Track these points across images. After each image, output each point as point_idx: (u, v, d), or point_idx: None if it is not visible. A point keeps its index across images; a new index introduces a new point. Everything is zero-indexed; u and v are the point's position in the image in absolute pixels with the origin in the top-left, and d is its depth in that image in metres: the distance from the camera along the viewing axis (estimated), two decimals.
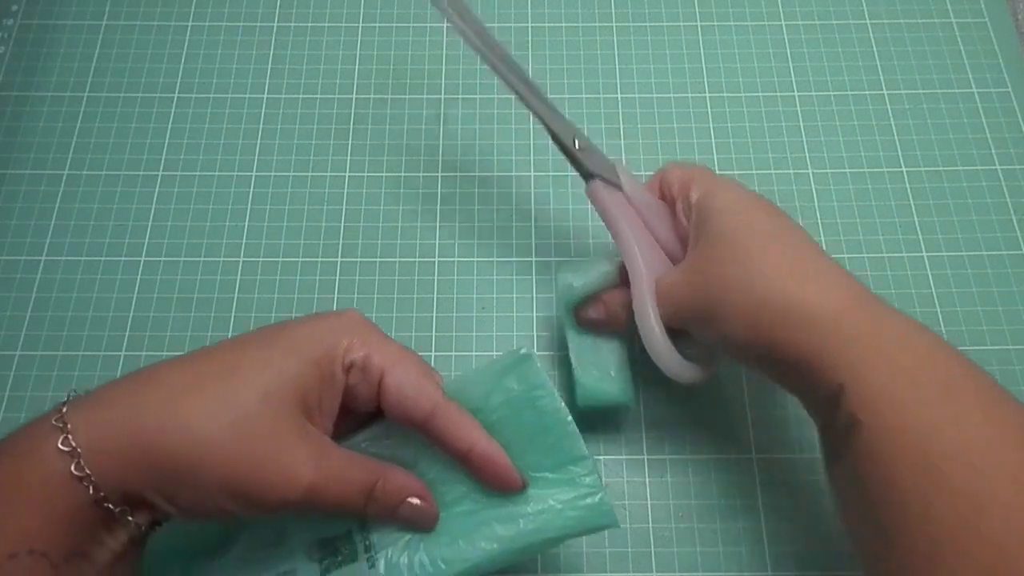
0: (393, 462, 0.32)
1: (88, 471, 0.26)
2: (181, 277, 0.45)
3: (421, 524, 0.31)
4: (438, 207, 0.47)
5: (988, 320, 0.43)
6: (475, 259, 0.45)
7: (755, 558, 0.38)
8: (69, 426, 0.26)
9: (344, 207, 0.47)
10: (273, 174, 0.48)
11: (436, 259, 0.45)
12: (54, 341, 0.43)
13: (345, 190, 0.47)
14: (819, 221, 0.46)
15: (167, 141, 0.48)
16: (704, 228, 0.33)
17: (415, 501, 0.31)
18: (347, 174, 0.48)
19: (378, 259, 0.45)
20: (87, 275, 0.45)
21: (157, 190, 0.47)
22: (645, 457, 0.40)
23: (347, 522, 0.32)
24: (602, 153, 0.37)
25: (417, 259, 0.45)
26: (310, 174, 0.48)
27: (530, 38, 0.52)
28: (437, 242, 0.46)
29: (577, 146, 0.36)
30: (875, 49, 0.51)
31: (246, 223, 0.46)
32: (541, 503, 0.32)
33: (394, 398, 0.30)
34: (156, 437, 0.27)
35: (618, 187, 0.37)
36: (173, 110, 0.49)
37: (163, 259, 0.45)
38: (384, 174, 0.48)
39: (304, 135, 0.49)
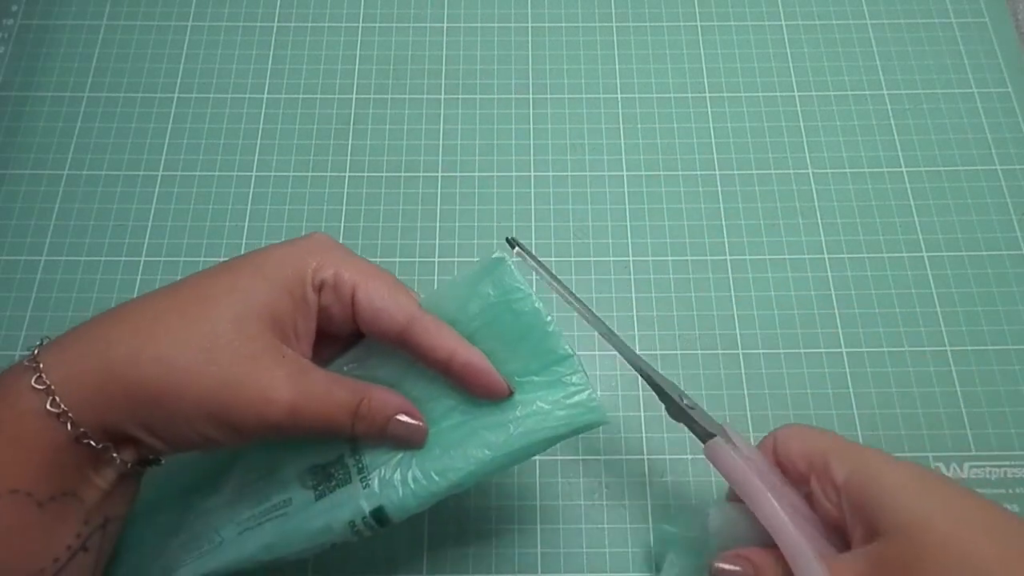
0: (377, 382, 0.31)
1: (64, 407, 0.26)
2: (181, 277, 0.44)
3: (411, 440, 0.31)
4: (438, 207, 0.47)
5: (988, 320, 0.43)
6: (475, 259, 0.45)
7: None
8: (42, 365, 0.26)
9: (344, 207, 0.47)
10: (273, 174, 0.48)
11: (436, 259, 0.45)
12: None
13: (345, 190, 0.47)
14: (819, 221, 0.46)
15: (167, 141, 0.48)
16: (875, 523, 0.28)
17: (403, 418, 0.30)
18: (347, 174, 0.48)
19: (378, 259, 0.45)
20: (87, 275, 0.45)
21: (157, 190, 0.47)
22: (645, 457, 0.40)
23: (338, 447, 0.32)
24: (708, 416, 0.33)
25: (417, 259, 0.45)
26: (310, 174, 0.48)
27: (530, 38, 0.52)
28: (437, 242, 0.46)
29: (685, 403, 0.33)
30: (875, 49, 0.51)
31: (246, 223, 0.46)
32: (529, 406, 0.31)
33: (367, 312, 0.30)
34: (129, 368, 0.26)
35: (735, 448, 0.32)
36: (173, 110, 0.49)
37: (163, 259, 0.45)
38: (384, 174, 0.48)
39: (304, 135, 0.49)
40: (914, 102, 0.50)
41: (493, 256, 0.32)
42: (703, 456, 0.32)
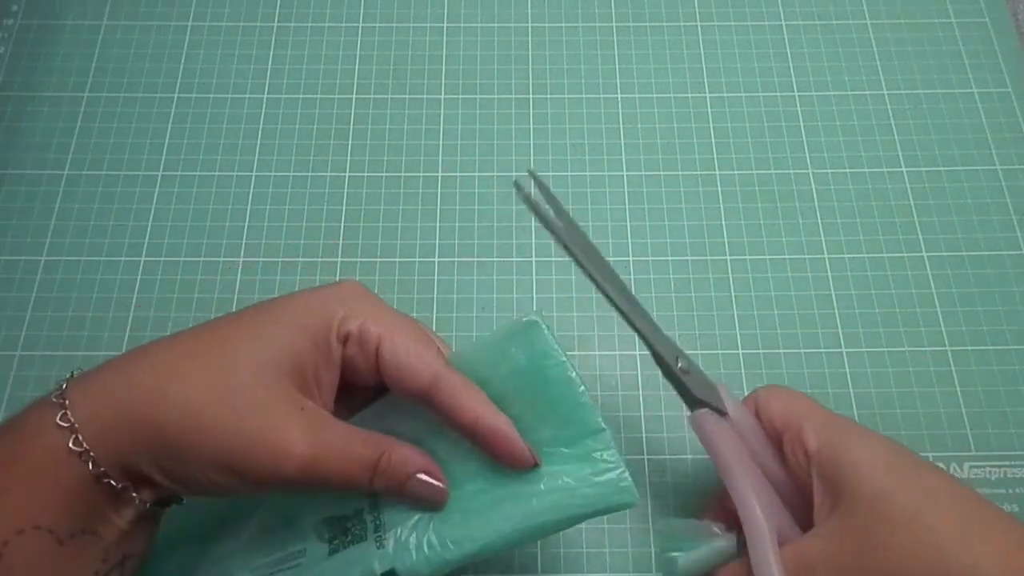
0: (400, 439, 0.30)
1: (86, 445, 0.26)
2: (181, 277, 0.45)
3: (431, 501, 0.30)
4: (438, 207, 0.47)
5: (988, 320, 0.43)
6: (475, 259, 0.45)
7: None
8: (67, 402, 0.26)
9: (344, 207, 0.47)
10: (273, 174, 0.48)
11: (436, 259, 0.45)
12: (54, 341, 0.43)
13: (345, 190, 0.47)
14: (819, 221, 0.46)
15: (167, 141, 0.48)
16: (842, 494, 0.29)
17: (423, 477, 0.29)
18: (347, 174, 0.48)
19: (378, 259, 0.45)
20: (87, 275, 0.45)
21: (157, 190, 0.47)
22: (645, 457, 0.40)
23: (358, 501, 0.31)
24: (704, 374, 0.33)
25: (417, 259, 0.45)
26: (310, 174, 0.48)
27: (530, 38, 0.52)
28: (437, 242, 0.46)
29: (679, 367, 0.32)
30: (875, 49, 0.51)
31: (246, 223, 0.46)
32: (555, 480, 0.30)
33: (391, 367, 0.29)
34: (148, 409, 0.26)
35: (723, 413, 0.32)
36: (173, 110, 0.49)
37: (163, 259, 0.45)
38: (384, 174, 0.48)
39: (304, 135, 0.49)
40: (914, 102, 0.50)
41: (526, 318, 0.30)
42: (703, 456, 0.32)
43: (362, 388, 0.31)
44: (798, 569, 0.28)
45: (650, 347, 0.32)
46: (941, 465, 0.40)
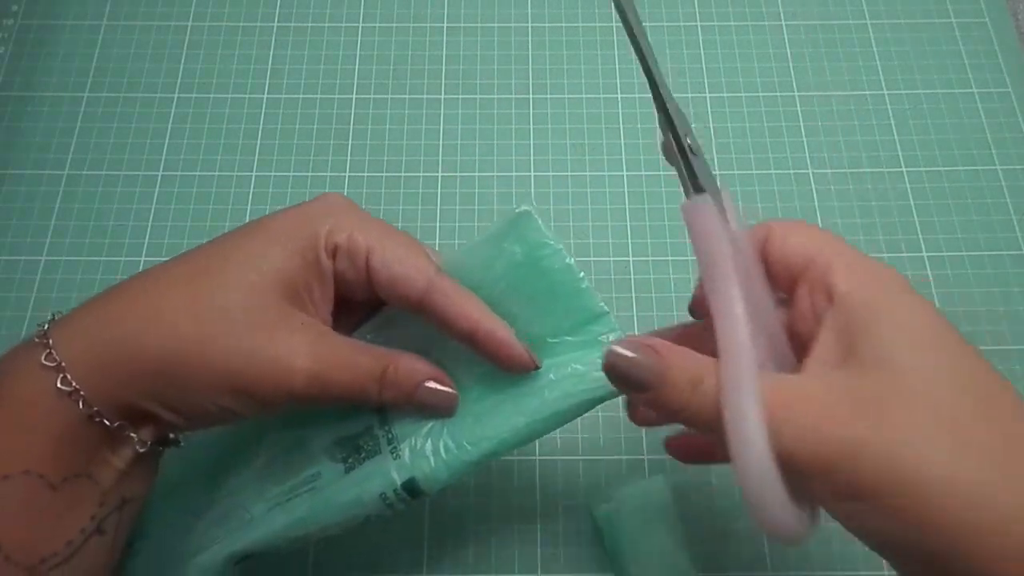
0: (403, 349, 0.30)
1: (76, 385, 0.25)
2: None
3: (441, 408, 0.30)
4: (438, 207, 0.47)
5: (988, 320, 0.43)
6: None
7: (755, 558, 0.38)
8: (51, 342, 0.25)
9: None
10: (273, 174, 0.48)
11: None
12: None
13: (345, 190, 0.47)
14: (819, 221, 0.46)
15: (167, 141, 0.48)
16: (859, 352, 0.23)
17: (432, 384, 0.29)
18: (347, 174, 0.48)
19: None
20: (87, 275, 0.45)
21: (157, 190, 0.47)
22: (645, 457, 0.40)
23: (366, 418, 0.30)
24: (709, 168, 0.27)
25: None
26: (310, 174, 0.48)
27: (530, 38, 0.52)
28: (437, 242, 0.46)
29: (688, 143, 0.27)
30: (875, 49, 0.51)
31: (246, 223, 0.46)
32: (563, 369, 0.29)
33: (383, 279, 0.28)
34: (142, 340, 0.26)
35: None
36: (173, 110, 0.49)
37: (163, 259, 0.45)
38: (384, 174, 0.48)
39: (304, 135, 0.49)
40: (914, 102, 0.50)
41: (518, 210, 0.29)
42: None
43: (358, 304, 0.31)
44: (777, 406, 0.22)
45: (665, 111, 0.27)
46: None
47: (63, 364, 0.25)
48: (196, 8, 0.53)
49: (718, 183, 0.27)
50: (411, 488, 0.29)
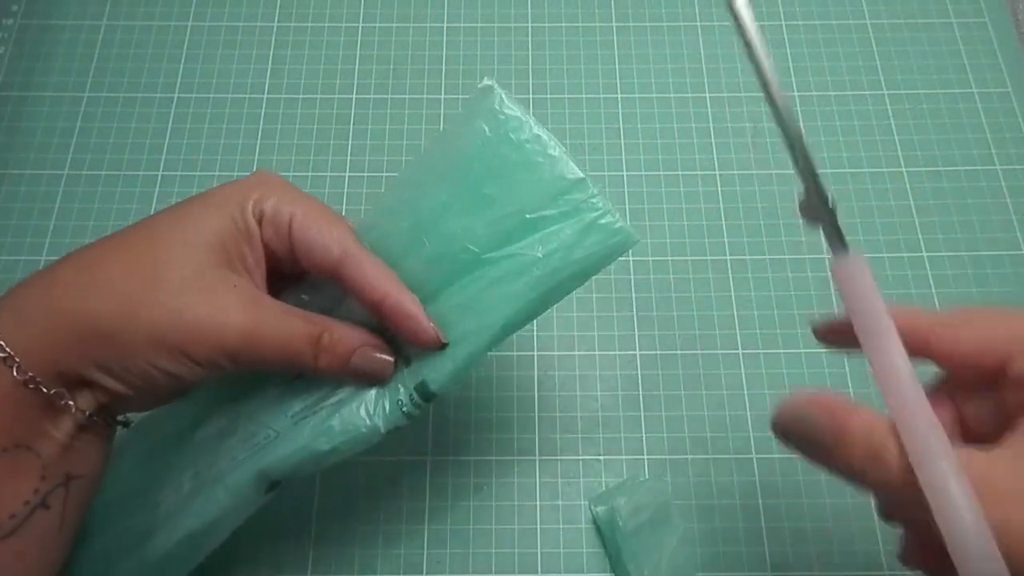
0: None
1: (9, 351, 0.25)
2: None
3: (377, 375, 0.30)
4: None
5: None
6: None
7: (755, 558, 0.38)
8: None
9: (344, 207, 0.47)
10: None
11: None
12: None
13: (345, 190, 0.47)
14: None
15: (167, 141, 0.48)
16: None
17: (368, 350, 0.29)
18: (347, 174, 0.48)
19: None
20: None
21: (157, 190, 0.47)
22: (645, 457, 0.40)
23: (308, 392, 0.30)
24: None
25: None
26: (310, 174, 0.48)
27: (530, 38, 0.52)
28: None
29: (832, 199, 0.26)
30: (875, 49, 0.51)
31: None
32: (548, 244, 0.29)
33: (302, 245, 0.29)
34: (77, 305, 0.26)
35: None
36: (173, 110, 0.49)
37: None
38: (384, 174, 0.48)
39: (304, 135, 0.49)
40: (914, 102, 0.50)
41: (480, 85, 0.29)
42: (703, 456, 0.32)
43: (287, 279, 0.31)
44: (977, 482, 0.21)
45: (810, 169, 0.26)
46: None
47: None
48: (196, 8, 0.53)
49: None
50: (424, 391, 0.29)
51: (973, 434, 0.25)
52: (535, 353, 0.43)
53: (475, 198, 0.30)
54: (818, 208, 0.26)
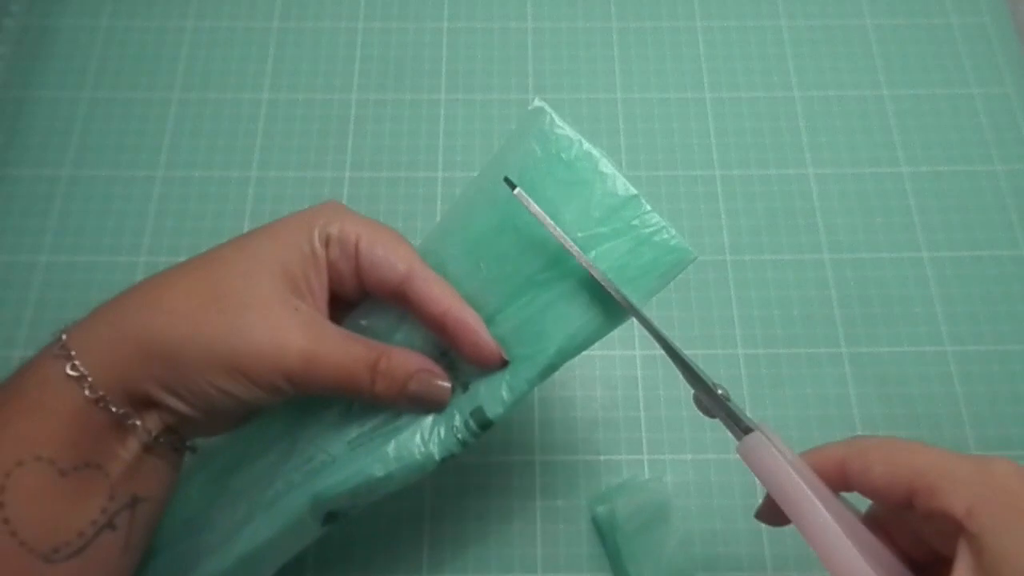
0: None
1: (83, 370, 0.26)
2: None
3: (434, 401, 0.30)
4: (438, 207, 0.47)
5: (988, 320, 0.43)
6: None
7: (755, 558, 0.38)
8: (64, 336, 0.27)
9: None
10: (273, 174, 0.48)
11: None
12: None
13: (345, 190, 0.47)
14: (819, 221, 0.46)
15: (167, 141, 0.48)
16: (1003, 567, 0.22)
17: (425, 376, 0.29)
18: (347, 174, 0.48)
19: None
20: (87, 275, 0.45)
21: (157, 190, 0.47)
22: (645, 457, 0.40)
23: (362, 419, 0.30)
24: (739, 407, 0.28)
25: None
26: (310, 174, 0.48)
27: (530, 38, 0.52)
28: None
29: (721, 393, 0.28)
30: (875, 49, 0.51)
31: (245, 223, 0.46)
32: (602, 262, 0.28)
33: (368, 262, 0.29)
34: (144, 326, 0.27)
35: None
36: (173, 110, 0.49)
37: (163, 259, 0.45)
38: (384, 174, 0.48)
39: (304, 135, 0.49)
40: (914, 102, 0.50)
41: (531, 108, 0.29)
42: (703, 456, 0.32)
43: (347, 302, 0.32)
44: None
45: (692, 370, 0.28)
46: None
47: (73, 353, 0.26)
48: (196, 8, 0.53)
49: (753, 420, 0.27)
50: (479, 417, 0.29)
51: (909, 558, 0.26)
52: None
53: (529, 219, 0.29)
54: (711, 405, 0.28)
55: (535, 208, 0.29)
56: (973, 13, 0.52)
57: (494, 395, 0.29)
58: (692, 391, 0.29)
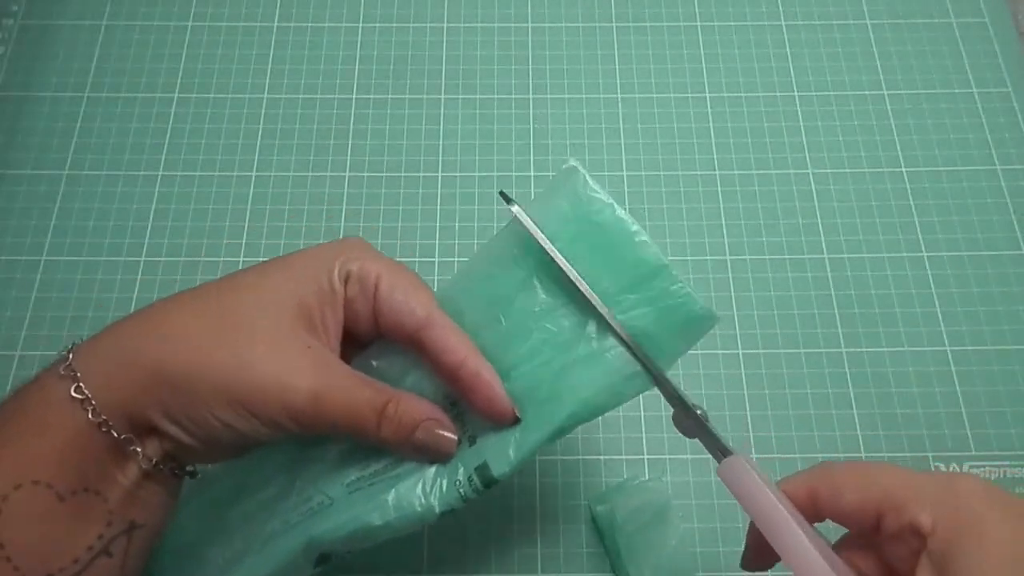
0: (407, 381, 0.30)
1: (87, 392, 0.25)
2: (181, 277, 0.45)
3: (440, 452, 0.29)
4: (438, 207, 0.47)
5: (988, 320, 0.43)
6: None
7: None
8: (71, 356, 0.26)
9: (344, 207, 0.47)
10: (273, 174, 0.48)
11: (436, 260, 0.45)
12: (54, 341, 0.43)
13: (345, 190, 0.47)
14: (819, 221, 0.46)
15: (167, 141, 0.48)
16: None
17: (431, 426, 0.29)
18: (347, 174, 0.48)
19: None
20: (87, 275, 0.45)
21: (157, 190, 0.47)
22: (645, 457, 0.40)
23: (362, 463, 0.30)
24: (716, 430, 0.29)
25: (417, 259, 0.45)
26: (310, 174, 0.48)
27: (530, 38, 0.52)
28: (437, 242, 0.46)
29: (700, 414, 0.28)
30: (875, 49, 0.51)
31: (246, 223, 0.46)
32: (631, 327, 0.28)
33: (387, 305, 0.29)
34: (150, 353, 0.26)
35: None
36: (173, 110, 0.49)
37: (163, 259, 0.45)
38: (384, 174, 0.48)
39: (304, 135, 0.49)
40: (914, 102, 0.50)
41: (565, 166, 0.29)
42: (703, 456, 0.32)
43: (361, 341, 0.31)
44: None
45: (675, 394, 0.29)
46: (940, 466, 0.40)
47: (78, 375, 0.26)
48: (196, 8, 0.53)
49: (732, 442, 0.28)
50: (484, 475, 0.29)
51: None
52: None
53: (554, 278, 0.29)
54: (690, 427, 0.28)
55: (536, 231, 0.29)
56: (973, 13, 0.52)
57: (501, 453, 0.29)
58: (672, 410, 0.29)
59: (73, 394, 0.25)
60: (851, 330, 0.43)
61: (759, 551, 0.28)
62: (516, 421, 0.29)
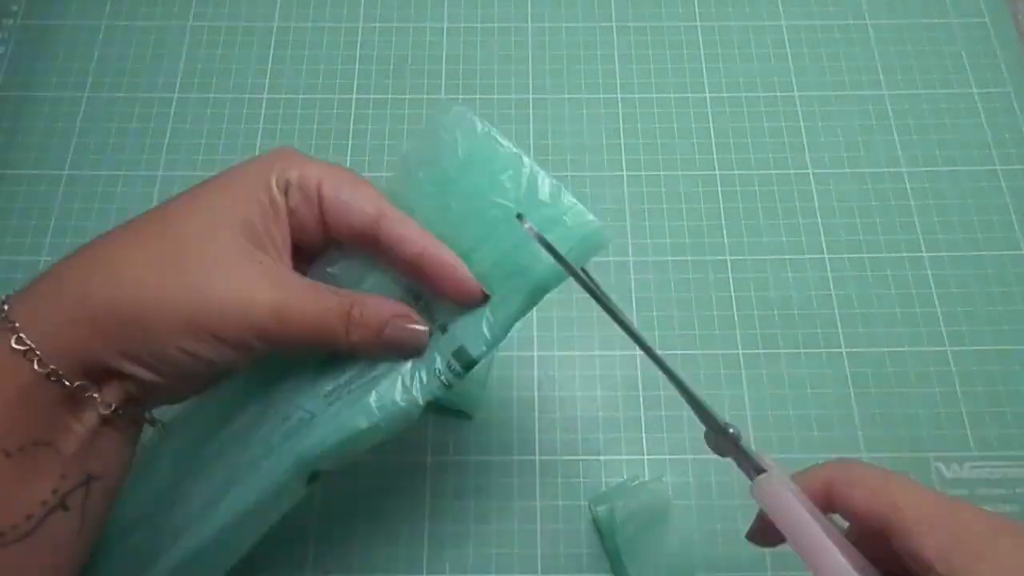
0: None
1: (30, 343, 0.24)
2: None
3: (411, 345, 0.29)
4: None
5: (988, 320, 0.43)
6: None
7: (755, 558, 0.38)
8: (6, 307, 0.25)
9: None
10: None
11: None
12: None
13: None
14: (819, 221, 0.46)
15: (167, 141, 0.48)
16: None
17: (400, 321, 0.28)
18: None
19: None
20: None
21: (157, 190, 0.47)
22: (645, 457, 0.40)
23: (334, 373, 0.29)
24: (748, 444, 0.28)
25: None
26: None
27: (530, 38, 0.52)
28: None
29: (732, 433, 0.27)
30: (875, 49, 0.51)
31: None
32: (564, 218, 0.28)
33: (334, 207, 0.28)
34: (97, 293, 0.25)
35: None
36: (173, 110, 0.49)
37: None
38: (384, 174, 0.48)
39: (304, 135, 0.49)
40: (914, 102, 0.50)
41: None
42: (703, 456, 0.32)
43: (309, 253, 0.30)
44: None
45: (701, 411, 0.28)
46: (940, 466, 0.40)
47: (17, 325, 0.24)
48: (196, 8, 0.53)
49: (760, 456, 0.28)
50: (463, 357, 0.29)
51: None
52: (535, 353, 0.43)
53: (496, 150, 0.29)
54: (723, 445, 0.28)
55: (547, 241, 0.28)
56: (973, 13, 0.52)
57: (476, 333, 0.29)
58: (704, 428, 0.28)
59: (14, 346, 0.24)
60: (851, 330, 0.43)
61: (766, 533, 0.28)
62: (485, 299, 0.29)
